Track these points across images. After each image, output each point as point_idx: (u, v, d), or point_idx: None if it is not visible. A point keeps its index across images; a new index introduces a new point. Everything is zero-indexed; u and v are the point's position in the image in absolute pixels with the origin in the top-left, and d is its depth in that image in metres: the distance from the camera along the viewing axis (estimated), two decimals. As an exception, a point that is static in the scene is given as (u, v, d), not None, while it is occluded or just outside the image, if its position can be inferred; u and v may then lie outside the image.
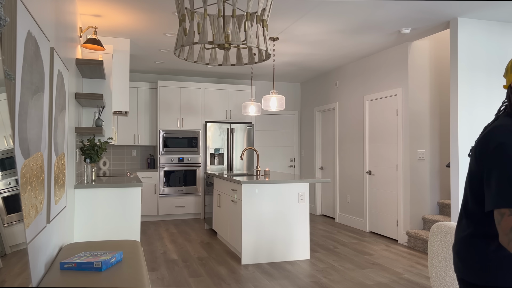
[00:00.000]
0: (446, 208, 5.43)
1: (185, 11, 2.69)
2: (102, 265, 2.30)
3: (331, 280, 3.99)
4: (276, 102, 5.34)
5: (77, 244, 3.02)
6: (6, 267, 1.46)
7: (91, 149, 4.05)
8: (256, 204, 4.61)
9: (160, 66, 7.24)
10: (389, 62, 5.91)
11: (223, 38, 2.54)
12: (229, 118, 7.79)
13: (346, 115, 7.03)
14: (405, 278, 4.07)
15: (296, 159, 8.77)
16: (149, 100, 7.53)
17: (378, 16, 4.56)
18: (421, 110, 5.57)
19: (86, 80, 4.43)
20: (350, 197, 6.85)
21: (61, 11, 2.96)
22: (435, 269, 2.71)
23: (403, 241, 5.56)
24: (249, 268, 4.41)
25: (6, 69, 1.51)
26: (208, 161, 7.51)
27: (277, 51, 6.16)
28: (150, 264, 4.52)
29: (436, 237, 2.74)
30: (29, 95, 1.89)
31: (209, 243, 5.53)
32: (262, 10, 2.74)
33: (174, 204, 7.38)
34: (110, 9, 4.41)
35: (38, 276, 2.16)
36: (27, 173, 1.85)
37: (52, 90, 2.49)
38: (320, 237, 5.91)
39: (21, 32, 1.74)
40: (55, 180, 2.63)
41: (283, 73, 7.79)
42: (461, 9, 4.35)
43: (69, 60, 3.43)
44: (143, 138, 7.49)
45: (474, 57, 4.70)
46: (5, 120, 1.50)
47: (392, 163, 5.83)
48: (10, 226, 1.53)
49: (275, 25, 4.96)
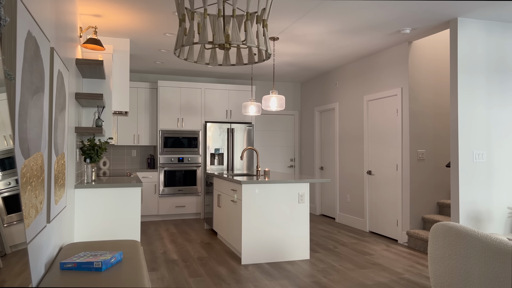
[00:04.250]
0: (446, 208, 5.43)
1: (185, 11, 2.69)
2: (102, 265, 2.30)
3: (331, 280, 3.99)
4: (276, 102, 5.34)
5: (77, 244, 3.02)
6: (6, 267, 1.46)
7: (91, 149, 4.05)
8: (256, 204, 4.61)
9: (160, 66, 7.24)
10: (389, 62, 5.91)
11: (223, 38, 2.54)
12: (229, 118, 7.79)
13: (346, 115, 7.03)
14: (405, 278, 4.07)
15: (296, 159, 8.77)
16: (149, 100, 7.53)
17: (378, 16, 4.56)
18: (421, 110, 5.57)
19: (86, 80, 4.43)
20: (350, 197, 6.85)
21: (61, 11, 2.96)
22: (435, 269, 2.71)
23: (403, 241, 5.56)
24: (249, 268, 4.41)
25: (6, 69, 1.51)
26: (208, 161, 7.51)
27: (277, 51, 6.16)
28: (150, 264, 4.52)
29: (436, 237, 2.75)
30: (29, 95, 1.89)
31: (209, 243, 5.53)
32: (262, 10, 2.74)
33: (174, 204, 7.38)
34: (110, 9, 4.41)
35: (38, 276, 2.16)
36: (27, 173, 1.85)
37: (52, 90, 2.49)
38: (320, 237, 5.91)
39: (21, 32, 1.74)
40: (55, 180, 2.63)
41: (283, 73, 7.79)
42: (461, 9, 4.35)
43: (69, 60, 3.43)
44: (143, 138, 7.49)
45: (474, 57, 4.70)
46: (5, 120, 1.50)
47: (392, 163, 5.83)
48: (10, 226, 1.54)
49: (275, 25, 4.96)
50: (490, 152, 4.72)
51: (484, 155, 4.69)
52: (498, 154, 4.75)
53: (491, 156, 4.72)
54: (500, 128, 4.77)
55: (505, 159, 4.78)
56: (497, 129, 4.76)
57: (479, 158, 4.66)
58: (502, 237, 2.36)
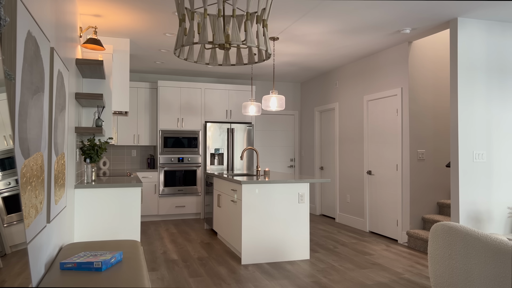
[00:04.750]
0: (446, 208, 5.43)
1: (185, 11, 2.69)
2: (102, 265, 2.30)
3: (331, 280, 3.99)
4: (276, 102, 5.34)
5: (77, 244, 3.02)
6: (6, 267, 1.46)
7: (91, 149, 4.05)
8: (256, 204, 4.61)
9: (160, 66, 7.24)
10: (389, 62, 5.91)
11: (223, 38, 2.54)
12: (229, 118, 7.79)
13: (346, 115, 7.03)
14: (405, 278, 4.07)
15: (296, 159, 8.77)
16: (149, 100, 7.53)
17: (378, 16, 4.56)
18: (421, 110, 5.57)
19: (86, 80, 4.43)
20: (350, 197, 6.85)
21: (61, 11, 2.96)
22: (435, 269, 2.71)
23: (403, 241, 5.56)
24: (249, 268, 4.41)
25: (6, 69, 1.51)
26: (208, 161, 7.51)
27: (277, 51, 6.16)
28: (150, 264, 4.52)
29: (436, 237, 2.75)
30: (29, 95, 1.89)
31: (209, 243, 5.53)
32: (262, 10, 2.74)
33: (174, 204, 7.38)
34: (110, 9, 4.41)
35: (38, 276, 2.16)
36: (27, 173, 1.85)
37: (52, 90, 2.49)
38: (320, 237, 5.91)
39: (21, 32, 1.74)
40: (55, 180, 2.63)
41: (283, 73, 7.79)
42: (461, 9, 4.35)
43: (69, 60, 3.43)
44: (143, 138, 7.49)
45: (474, 57, 4.70)
46: (5, 120, 1.50)
47: (392, 163, 5.83)
48: (10, 226, 1.54)
49: (275, 25, 4.96)
50: (490, 152, 4.72)
51: (484, 155, 4.69)
52: (498, 154, 4.75)
53: (491, 156, 4.72)
54: (500, 128, 4.77)
55: (505, 159, 4.77)
56: (497, 129, 4.76)
57: (479, 158, 4.66)
58: (502, 237, 2.36)
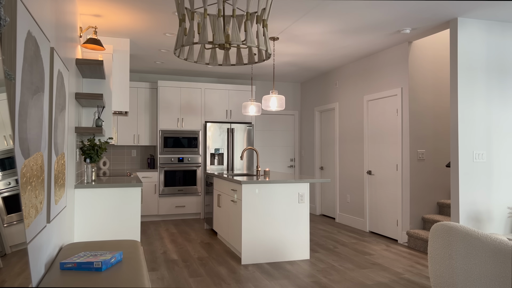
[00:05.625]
0: (446, 208, 5.43)
1: (185, 11, 2.69)
2: (102, 265, 2.30)
3: (331, 280, 3.99)
4: (276, 102, 5.34)
5: (77, 244, 3.02)
6: (6, 267, 1.46)
7: (91, 149, 4.05)
8: (256, 204, 4.61)
9: (160, 66, 7.24)
10: (389, 62, 5.91)
11: (223, 38, 2.54)
12: (229, 118, 7.79)
13: (346, 115, 7.03)
14: (405, 278, 4.07)
15: (296, 159, 8.77)
16: (149, 100, 7.53)
17: (378, 16, 4.56)
18: (421, 110, 5.57)
19: (86, 80, 4.43)
20: (350, 197, 6.85)
21: (61, 11, 2.96)
22: (435, 269, 2.71)
23: (403, 241, 5.56)
24: (249, 268, 4.41)
25: (6, 69, 1.51)
26: (208, 161, 7.51)
27: (277, 51, 6.16)
28: (150, 264, 4.52)
29: (436, 237, 2.75)
30: (29, 95, 1.89)
31: (209, 243, 5.53)
32: (262, 10, 2.74)
33: (174, 204, 7.38)
34: (110, 9, 4.41)
35: (38, 276, 2.16)
36: (27, 173, 1.85)
37: (52, 90, 2.49)
38: (320, 237, 5.91)
39: (21, 32, 1.74)
40: (55, 180, 2.63)
41: (283, 73, 7.79)
42: (461, 9, 4.35)
43: (69, 60, 3.43)
44: (143, 138, 7.49)
45: (474, 57, 4.70)
46: (5, 120, 1.50)
47: (392, 163, 5.83)
48: (10, 226, 1.54)
49: (275, 25, 4.96)
50: (490, 152, 4.72)
51: (484, 155, 4.69)
52: (498, 154, 4.75)
53: (491, 156, 4.72)
54: (500, 128, 4.77)
55: (505, 159, 4.77)
56: (497, 129, 4.76)
57: (479, 158, 4.66)
58: (502, 237, 2.36)
